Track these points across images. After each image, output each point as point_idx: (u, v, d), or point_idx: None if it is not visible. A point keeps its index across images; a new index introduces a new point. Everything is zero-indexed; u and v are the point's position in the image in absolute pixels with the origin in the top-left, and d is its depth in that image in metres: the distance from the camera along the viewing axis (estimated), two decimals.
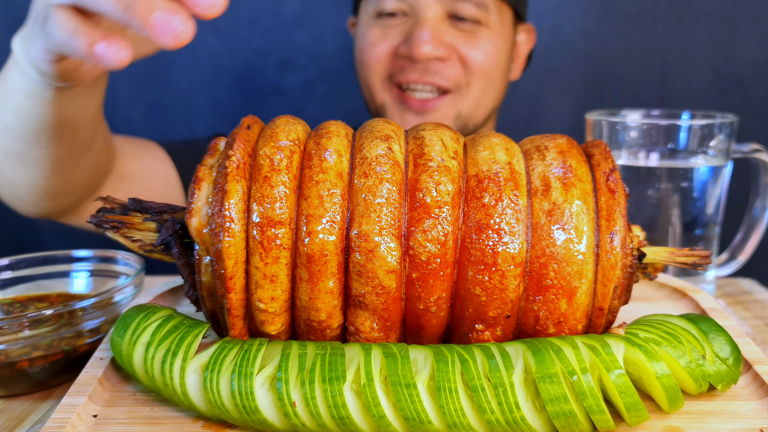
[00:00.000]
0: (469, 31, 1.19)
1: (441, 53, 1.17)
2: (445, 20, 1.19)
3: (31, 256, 0.85)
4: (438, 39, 1.17)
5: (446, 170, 0.60)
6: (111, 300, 0.74)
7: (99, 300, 0.72)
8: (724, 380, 0.59)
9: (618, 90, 1.66)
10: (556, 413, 0.54)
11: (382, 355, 0.57)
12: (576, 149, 0.64)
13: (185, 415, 0.60)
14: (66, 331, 0.71)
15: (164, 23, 0.50)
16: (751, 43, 1.59)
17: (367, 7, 1.25)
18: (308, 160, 0.60)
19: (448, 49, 1.18)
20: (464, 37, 1.19)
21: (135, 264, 0.81)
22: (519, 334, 0.63)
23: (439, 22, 1.18)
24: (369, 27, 1.24)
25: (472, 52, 1.19)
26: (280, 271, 0.59)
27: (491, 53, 1.21)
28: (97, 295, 0.72)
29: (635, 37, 1.62)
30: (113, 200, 0.67)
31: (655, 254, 0.67)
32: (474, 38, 1.20)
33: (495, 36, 1.21)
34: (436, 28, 1.17)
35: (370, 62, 1.23)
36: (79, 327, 0.72)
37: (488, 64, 1.21)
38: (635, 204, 0.95)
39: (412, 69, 1.19)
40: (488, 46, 1.21)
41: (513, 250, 0.59)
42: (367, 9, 1.25)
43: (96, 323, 0.73)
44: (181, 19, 0.51)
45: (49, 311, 0.69)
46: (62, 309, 0.70)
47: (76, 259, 0.85)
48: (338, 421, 0.54)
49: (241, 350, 0.59)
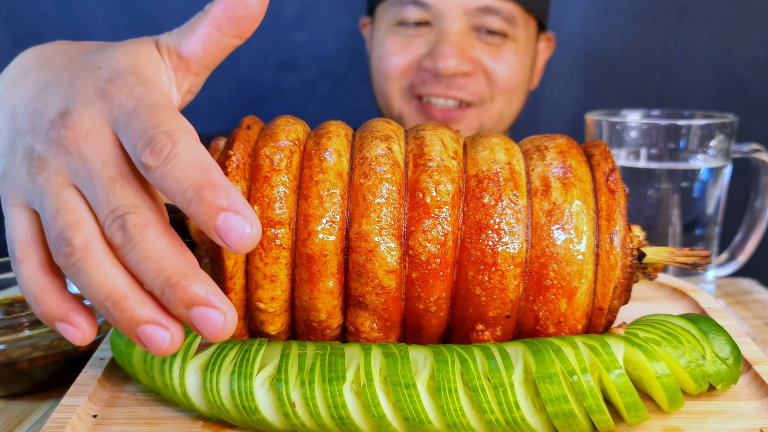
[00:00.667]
0: (495, 45, 1.16)
1: (466, 68, 1.14)
2: (471, 33, 1.15)
3: None
4: (463, 53, 1.14)
5: (446, 170, 0.60)
6: None
7: None
8: (724, 380, 0.59)
9: (618, 90, 1.66)
10: (556, 413, 0.54)
11: (382, 355, 0.57)
12: (576, 149, 0.64)
13: (185, 415, 0.60)
14: None
15: (151, 337, 0.43)
16: (751, 43, 1.59)
17: (386, 13, 1.21)
18: (308, 160, 0.60)
19: (473, 63, 1.16)
20: (490, 51, 1.16)
21: None
22: (519, 334, 0.63)
23: (464, 36, 1.15)
24: (389, 35, 1.20)
25: (498, 67, 1.17)
26: (279, 271, 0.59)
27: (516, 67, 1.18)
28: None
29: (635, 37, 1.62)
30: None
31: (655, 254, 0.67)
32: (499, 52, 1.17)
33: (520, 49, 1.19)
34: (461, 42, 1.14)
35: (389, 72, 1.20)
36: None
37: (513, 79, 1.19)
38: (635, 204, 0.95)
39: (435, 83, 1.16)
40: (513, 60, 1.18)
41: (513, 250, 0.59)
42: (386, 15, 1.21)
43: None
44: (167, 332, 0.43)
45: None
46: None
47: None
48: (338, 422, 0.54)
49: (240, 350, 0.59)
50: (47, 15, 1.60)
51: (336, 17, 1.62)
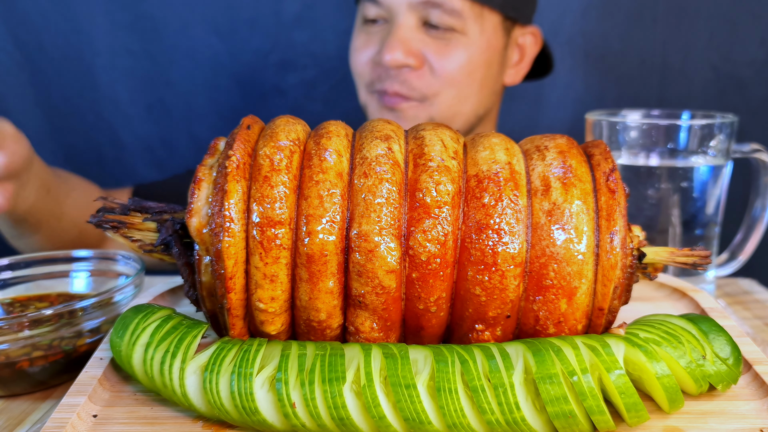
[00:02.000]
0: (442, 39, 1.18)
1: (410, 61, 1.17)
2: (420, 27, 1.18)
3: (31, 256, 0.85)
4: (407, 47, 1.16)
5: (446, 170, 0.60)
6: (111, 300, 0.74)
7: (99, 300, 0.72)
8: (724, 380, 0.59)
9: (618, 90, 1.66)
10: (556, 414, 0.54)
11: (382, 355, 0.57)
12: (576, 149, 0.64)
13: (185, 415, 0.60)
14: (66, 331, 0.71)
15: None
16: (751, 43, 1.59)
17: (359, 11, 1.28)
18: (308, 160, 0.60)
19: (418, 57, 1.17)
20: (436, 45, 1.18)
21: (135, 264, 0.81)
22: (519, 334, 0.63)
23: (412, 30, 1.17)
24: (357, 33, 1.27)
25: (441, 61, 1.18)
26: (280, 271, 0.59)
27: (463, 62, 1.19)
28: (97, 295, 0.72)
29: (635, 37, 1.62)
30: (113, 200, 0.67)
31: (655, 254, 0.67)
32: (446, 47, 1.18)
33: (472, 46, 1.19)
34: (408, 35, 1.17)
35: (355, 68, 1.27)
36: (80, 327, 0.72)
37: (458, 73, 1.20)
38: (635, 204, 0.95)
39: (386, 77, 1.20)
40: (461, 55, 1.19)
41: (513, 250, 0.59)
42: (359, 14, 1.27)
43: (96, 323, 0.73)
44: None
45: (49, 311, 0.69)
46: (62, 309, 0.70)
47: (76, 259, 0.85)
48: (338, 422, 0.54)
49: (240, 351, 0.59)
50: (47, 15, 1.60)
51: (336, 17, 1.62)
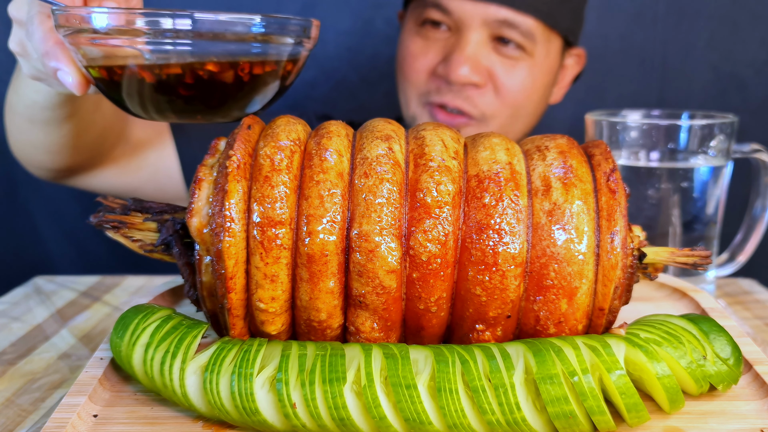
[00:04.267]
0: (511, 58, 1.15)
1: (477, 79, 1.13)
2: (489, 43, 1.14)
3: None
4: (477, 64, 1.13)
5: (447, 170, 0.60)
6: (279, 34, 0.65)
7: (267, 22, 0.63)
8: (724, 380, 0.59)
9: (618, 90, 1.66)
10: (556, 414, 0.54)
11: (383, 355, 0.57)
12: (576, 149, 0.64)
13: (185, 415, 0.60)
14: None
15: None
16: (751, 43, 1.59)
17: (413, 12, 1.21)
18: (309, 160, 0.60)
19: (484, 75, 1.14)
20: (504, 63, 1.15)
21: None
22: (519, 335, 0.63)
23: (480, 46, 1.13)
24: (411, 35, 1.20)
25: (507, 81, 1.15)
26: (280, 271, 0.58)
27: (527, 85, 1.16)
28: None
29: (635, 37, 1.62)
30: (114, 200, 0.67)
31: (656, 254, 0.67)
32: (513, 67, 1.15)
33: (536, 68, 1.17)
34: (476, 51, 1.13)
35: (409, 75, 1.21)
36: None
37: (520, 95, 1.17)
38: (635, 204, 0.95)
39: (446, 90, 1.15)
40: (525, 76, 1.16)
41: (513, 250, 0.59)
42: (413, 14, 1.21)
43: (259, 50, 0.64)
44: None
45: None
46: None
47: None
48: (339, 422, 0.54)
49: (240, 351, 0.59)
50: None
51: (336, 17, 1.62)
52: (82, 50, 0.63)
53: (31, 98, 0.92)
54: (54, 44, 0.66)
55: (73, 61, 0.65)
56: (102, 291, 1.02)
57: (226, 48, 0.63)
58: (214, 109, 0.66)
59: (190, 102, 0.65)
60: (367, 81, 1.64)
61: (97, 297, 1.00)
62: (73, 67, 0.66)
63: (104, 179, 1.16)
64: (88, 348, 0.83)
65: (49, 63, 0.66)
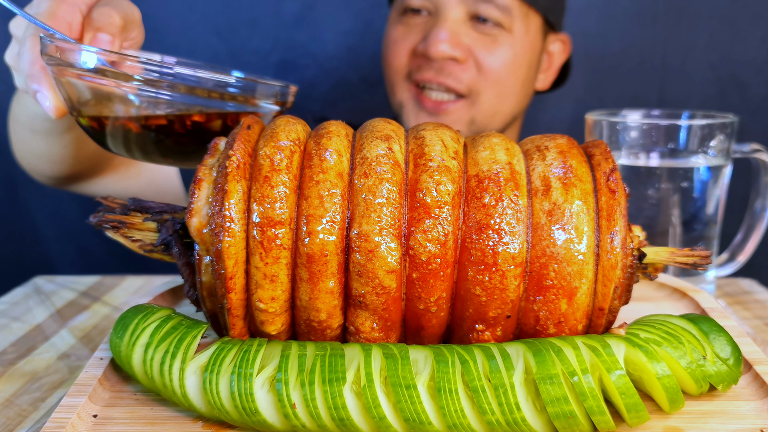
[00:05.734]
0: (490, 35, 1.17)
1: (457, 54, 1.15)
2: (467, 21, 1.17)
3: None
4: (455, 39, 1.16)
5: (446, 170, 0.60)
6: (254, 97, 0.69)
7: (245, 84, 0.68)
8: (724, 380, 0.59)
9: (618, 90, 1.66)
10: (556, 414, 0.54)
11: (382, 355, 0.57)
12: (576, 149, 0.64)
13: (185, 415, 0.60)
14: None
15: None
16: (751, 43, 1.59)
17: (395, 4, 1.25)
18: (308, 160, 0.60)
19: (465, 51, 1.17)
20: (483, 40, 1.17)
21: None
22: (519, 335, 0.63)
23: (460, 23, 1.16)
24: (394, 24, 1.24)
25: (489, 57, 1.17)
26: (280, 271, 0.58)
27: (509, 60, 1.19)
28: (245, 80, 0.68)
29: (635, 37, 1.62)
30: (113, 200, 0.67)
31: (656, 254, 0.67)
32: (494, 43, 1.17)
33: (516, 44, 1.19)
34: (455, 28, 1.16)
35: (391, 60, 1.23)
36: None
37: (503, 71, 1.19)
38: (635, 204, 0.95)
39: (428, 67, 1.18)
40: (507, 52, 1.18)
41: (513, 250, 0.59)
42: (396, 4, 1.25)
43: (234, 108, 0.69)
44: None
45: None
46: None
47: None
48: (338, 423, 0.54)
49: (240, 351, 0.59)
50: None
51: (336, 17, 1.62)
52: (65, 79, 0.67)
53: (31, 109, 0.95)
54: (39, 69, 0.70)
55: (53, 86, 0.70)
56: (102, 291, 1.02)
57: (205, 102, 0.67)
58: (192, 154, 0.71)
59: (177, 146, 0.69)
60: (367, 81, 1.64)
61: (97, 297, 1.00)
62: (52, 93, 0.71)
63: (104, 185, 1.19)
64: (88, 348, 0.83)
65: (31, 84, 0.71)
